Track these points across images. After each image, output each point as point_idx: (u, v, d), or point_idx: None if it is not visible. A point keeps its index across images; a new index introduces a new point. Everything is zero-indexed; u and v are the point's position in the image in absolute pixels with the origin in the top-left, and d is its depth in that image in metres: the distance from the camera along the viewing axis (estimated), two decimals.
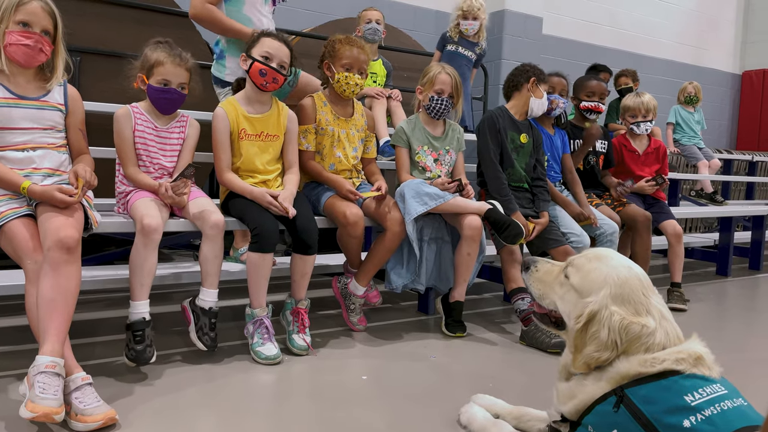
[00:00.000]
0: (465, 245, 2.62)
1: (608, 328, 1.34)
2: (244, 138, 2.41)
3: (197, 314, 2.20)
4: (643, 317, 1.34)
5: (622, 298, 1.36)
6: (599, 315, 1.36)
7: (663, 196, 3.72)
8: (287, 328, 2.42)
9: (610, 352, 1.34)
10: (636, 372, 1.31)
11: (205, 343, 2.17)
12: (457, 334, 2.66)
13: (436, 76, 2.76)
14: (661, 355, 1.31)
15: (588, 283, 1.42)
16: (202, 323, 2.17)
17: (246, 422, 1.75)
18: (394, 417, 1.83)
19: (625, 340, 1.33)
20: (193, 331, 2.19)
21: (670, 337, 1.35)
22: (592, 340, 1.36)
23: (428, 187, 2.60)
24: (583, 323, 1.38)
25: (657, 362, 1.31)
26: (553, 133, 3.30)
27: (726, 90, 8.34)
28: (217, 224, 2.16)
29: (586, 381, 1.39)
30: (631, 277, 1.39)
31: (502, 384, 2.13)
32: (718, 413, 1.22)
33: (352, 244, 2.58)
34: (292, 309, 2.43)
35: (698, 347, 1.34)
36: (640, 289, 1.38)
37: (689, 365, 1.30)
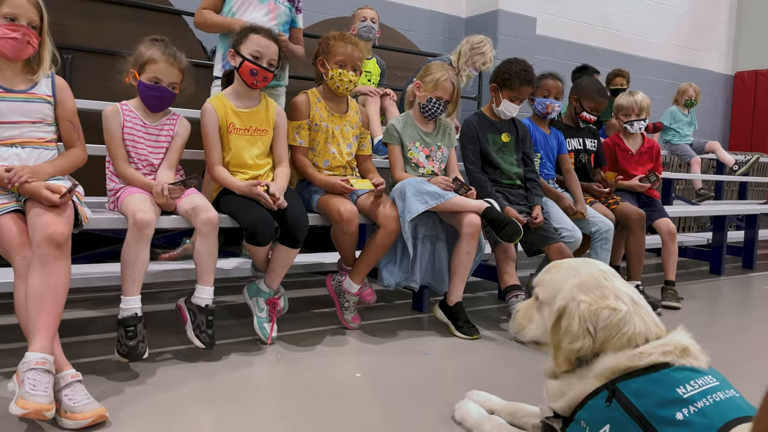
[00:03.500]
0: (465, 244, 2.61)
1: (578, 318, 1.35)
2: (233, 132, 2.41)
3: (193, 312, 2.18)
4: (612, 301, 1.35)
5: (586, 287, 1.38)
6: (568, 308, 1.37)
7: (657, 195, 3.73)
8: (257, 314, 2.43)
9: (583, 340, 1.34)
10: (625, 366, 1.31)
11: (203, 341, 2.15)
12: (473, 336, 2.61)
13: (440, 82, 2.74)
14: (648, 349, 1.31)
15: (552, 289, 1.44)
16: (199, 321, 2.16)
17: (240, 419, 1.73)
18: (389, 413, 1.82)
19: (600, 327, 1.33)
20: (190, 330, 2.17)
21: (649, 325, 1.35)
22: (566, 333, 1.37)
23: (429, 185, 2.59)
24: (554, 320, 1.39)
25: (645, 356, 1.31)
26: (548, 133, 3.31)
27: (719, 91, 8.38)
28: (210, 221, 2.15)
29: (574, 379, 1.38)
30: (590, 268, 1.41)
31: (496, 381, 2.12)
32: (711, 405, 1.22)
33: (346, 242, 2.57)
34: (269, 299, 2.44)
35: (684, 339, 1.34)
36: (600, 276, 1.39)
37: (676, 357, 1.30)
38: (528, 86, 2.96)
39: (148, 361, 2.11)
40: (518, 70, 2.93)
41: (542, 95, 3.20)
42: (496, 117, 3.03)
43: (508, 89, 2.95)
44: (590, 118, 3.42)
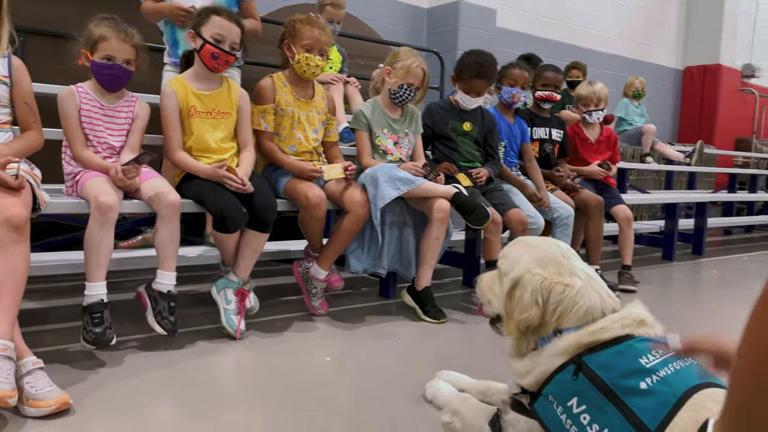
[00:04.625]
0: (434, 228, 2.64)
1: (531, 290, 1.38)
2: (195, 115, 2.36)
3: (155, 299, 2.13)
4: (566, 277, 1.39)
5: (543, 262, 1.42)
6: (522, 279, 1.41)
7: (614, 182, 3.85)
8: (224, 306, 2.32)
9: (531, 311, 1.38)
10: (589, 341, 1.35)
11: (165, 327, 2.10)
12: (440, 320, 2.64)
13: (412, 68, 2.75)
14: (607, 323, 1.36)
15: (511, 262, 1.47)
16: (161, 307, 2.11)
17: (208, 406, 1.71)
18: (360, 396, 1.83)
19: (552, 301, 1.37)
20: (151, 316, 2.12)
21: (603, 298, 1.39)
22: (518, 303, 1.41)
23: (400, 171, 2.60)
24: (508, 289, 1.43)
25: (606, 330, 1.35)
26: (513, 122, 3.37)
27: (669, 85, 8.67)
28: (173, 204, 2.10)
29: (539, 357, 1.42)
30: (548, 245, 1.46)
31: (465, 362, 2.15)
32: (672, 373, 1.27)
33: (314, 227, 2.56)
34: (237, 289, 2.35)
35: (640, 311, 1.39)
36: (558, 253, 1.43)
37: (634, 328, 1.35)
38: (479, 79, 2.95)
39: (110, 349, 2.06)
40: (471, 62, 2.96)
41: (508, 84, 3.25)
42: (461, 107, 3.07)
43: (460, 81, 3.00)
44: (549, 95, 3.48)
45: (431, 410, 1.72)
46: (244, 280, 2.38)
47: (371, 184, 2.57)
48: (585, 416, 1.30)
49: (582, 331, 1.37)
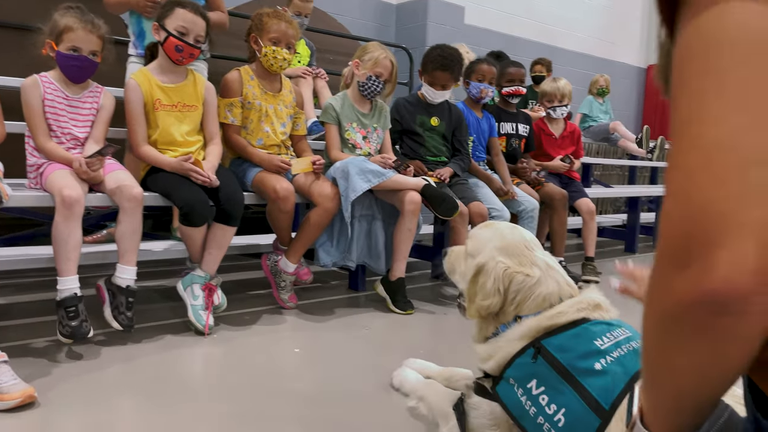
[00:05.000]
0: (406, 220, 2.67)
1: (493, 277, 1.44)
2: (160, 108, 2.35)
3: (113, 293, 2.11)
4: (528, 268, 1.44)
5: (507, 251, 1.47)
6: (486, 266, 1.46)
7: (577, 177, 3.94)
8: (191, 302, 2.28)
9: (493, 298, 1.43)
10: (547, 325, 1.40)
11: (122, 323, 2.07)
12: (407, 311, 2.67)
13: (380, 59, 2.78)
14: (564, 308, 1.42)
15: (478, 245, 1.53)
16: (119, 302, 2.08)
17: (174, 399, 1.72)
18: (329, 385, 1.85)
19: (512, 290, 1.43)
20: (108, 310, 2.09)
21: (561, 285, 1.45)
22: (480, 289, 1.46)
23: (370, 164, 2.62)
24: (472, 275, 1.48)
25: (563, 314, 1.41)
26: (481, 116, 3.42)
27: (632, 83, 8.88)
28: (135, 197, 2.09)
29: (501, 341, 1.47)
30: (514, 235, 1.51)
31: (431, 351, 2.19)
32: (625, 354, 1.33)
33: (282, 220, 2.57)
34: (205, 284, 2.32)
35: (595, 296, 1.45)
36: (522, 243, 1.49)
37: (590, 312, 1.41)
38: (442, 71, 3.00)
39: (76, 343, 2.04)
40: (435, 56, 3.02)
41: (477, 80, 3.30)
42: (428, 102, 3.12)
43: (425, 74, 3.05)
44: (515, 90, 3.55)
45: (398, 397, 1.75)
46: (211, 274, 2.36)
47: (342, 177, 2.59)
48: (543, 397, 1.35)
49: (540, 316, 1.42)
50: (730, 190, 0.46)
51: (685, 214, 0.48)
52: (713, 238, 0.47)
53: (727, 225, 0.46)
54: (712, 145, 0.47)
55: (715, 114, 0.48)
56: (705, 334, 0.50)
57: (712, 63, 0.48)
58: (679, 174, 0.50)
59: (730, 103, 0.47)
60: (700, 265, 0.48)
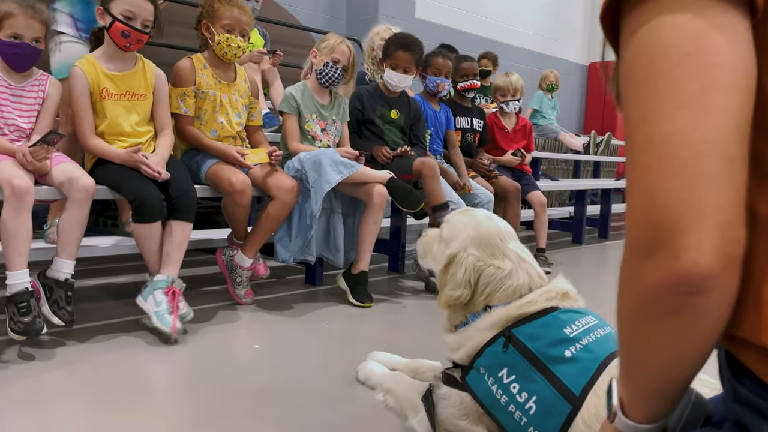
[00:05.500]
0: (372, 214, 2.65)
1: (464, 269, 1.44)
2: (107, 98, 2.24)
3: (49, 287, 2.00)
4: (499, 260, 1.45)
5: (480, 242, 1.47)
6: (458, 257, 1.46)
7: (529, 170, 4.03)
8: (154, 310, 2.06)
9: (463, 290, 1.44)
10: (517, 315, 1.42)
11: (62, 318, 1.96)
12: (366, 304, 2.64)
13: (336, 45, 2.74)
14: (533, 297, 1.43)
15: (453, 231, 1.53)
16: (57, 296, 1.98)
17: (127, 399, 1.63)
18: (293, 380, 1.81)
19: (483, 282, 1.43)
20: (46, 306, 1.98)
21: (532, 277, 1.46)
22: (451, 279, 1.46)
23: (339, 155, 2.58)
24: (444, 264, 1.48)
25: (532, 303, 1.42)
26: (438, 109, 3.43)
27: (575, 79, 9.15)
28: (86, 188, 1.98)
29: (470, 331, 1.47)
30: (489, 225, 1.51)
31: (394, 344, 2.17)
32: (594, 341, 1.36)
33: (239, 214, 2.49)
34: (167, 288, 2.11)
35: (563, 284, 1.48)
36: (497, 235, 1.49)
37: (558, 301, 1.43)
38: (404, 52, 3.00)
39: (18, 344, 1.92)
40: (395, 38, 3.03)
41: (433, 73, 3.30)
42: (390, 92, 3.10)
43: (387, 58, 3.03)
44: (470, 84, 3.58)
45: (364, 390, 1.73)
46: (173, 277, 2.16)
47: (313, 168, 2.53)
48: (515, 386, 1.36)
49: (510, 306, 1.43)
50: (686, 179, 0.51)
51: (647, 206, 0.53)
52: (676, 224, 0.51)
53: (688, 211, 0.51)
54: (665, 141, 0.52)
55: (663, 114, 0.53)
56: (678, 315, 0.54)
57: (655, 68, 0.54)
58: (638, 171, 0.54)
59: (675, 102, 0.52)
60: (667, 252, 0.52)
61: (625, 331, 0.61)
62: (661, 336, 0.56)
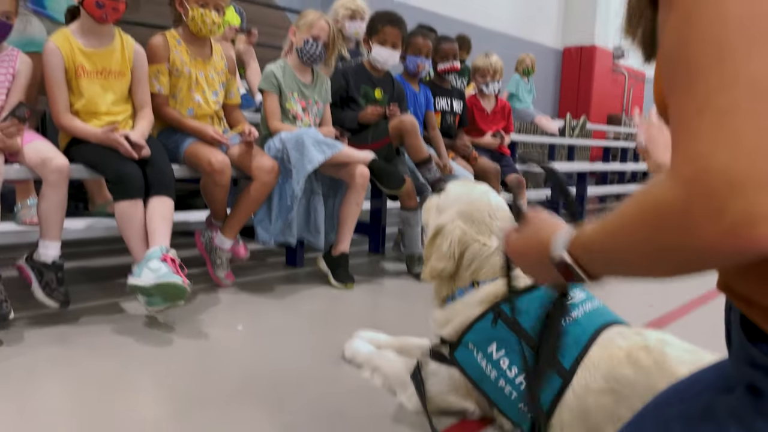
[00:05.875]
0: (354, 195, 2.62)
1: (449, 241, 1.44)
2: (83, 76, 2.15)
3: (39, 271, 1.95)
4: (485, 237, 1.45)
5: (469, 217, 1.46)
6: (445, 229, 1.46)
7: (507, 152, 4.04)
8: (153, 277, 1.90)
9: (447, 262, 1.44)
10: (505, 290, 1.41)
11: (57, 299, 1.94)
12: (347, 285, 2.62)
13: (315, 21, 2.69)
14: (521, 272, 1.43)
15: (447, 201, 1.52)
16: (48, 279, 1.94)
17: (113, 382, 1.59)
18: (278, 360, 1.79)
19: (469, 257, 1.43)
20: (39, 290, 1.94)
21: None
22: (436, 250, 1.46)
23: (321, 135, 2.54)
24: (431, 235, 1.48)
25: (521, 278, 1.42)
26: (418, 90, 3.40)
27: (550, 64, 9.19)
28: (59, 169, 1.91)
29: (458, 306, 1.47)
30: (480, 200, 1.50)
31: (379, 323, 2.15)
32: (583, 315, 1.37)
33: (218, 194, 2.44)
34: (163, 255, 1.99)
35: None
36: (487, 211, 1.48)
37: None
38: (392, 27, 2.98)
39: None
40: (381, 14, 3.01)
41: (413, 53, 3.27)
42: (375, 71, 3.05)
43: (374, 34, 2.99)
44: (451, 66, 3.55)
45: (351, 369, 1.72)
46: (166, 246, 2.02)
47: (295, 148, 2.49)
48: (504, 360, 1.37)
49: (499, 282, 1.43)
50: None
51: (725, 156, 0.46)
52: (762, 182, 0.45)
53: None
54: (754, 81, 0.46)
55: (747, 52, 0.47)
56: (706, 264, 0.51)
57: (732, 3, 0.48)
58: (710, 116, 0.48)
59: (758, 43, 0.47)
60: (742, 216, 0.46)
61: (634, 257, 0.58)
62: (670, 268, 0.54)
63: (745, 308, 0.59)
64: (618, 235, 0.60)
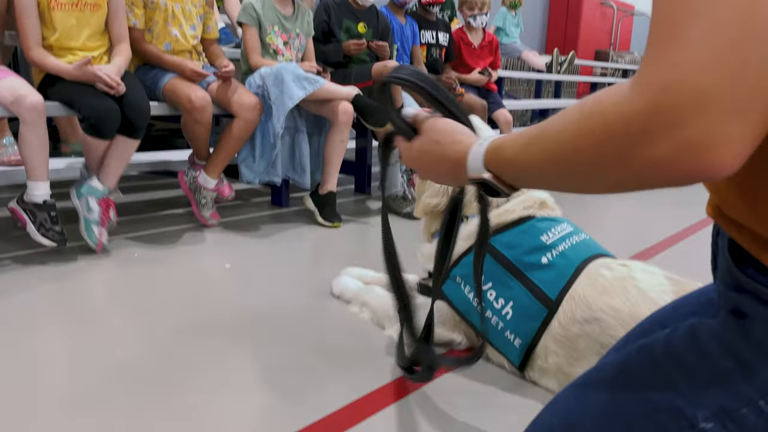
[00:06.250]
0: (338, 132, 2.57)
1: None
2: (56, 8, 2.05)
3: (31, 212, 1.94)
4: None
5: None
6: None
7: (495, 88, 3.97)
8: (85, 214, 2.09)
9: (440, 198, 1.44)
10: (495, 224, 1.42)
11: (53, 239, 1.94)
12: (334, 223, 2.62)
13: None
14: (511, 206, 1.43)
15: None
16: (41, 219, 1.93)
17: (108, 321, 1.60)
18: (267, 297, 1.80)
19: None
20: (34, 230, 1.94)
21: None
22: (428, 187, 1.46)
23: (302, 70, 2.46)
24: None
25: (510, 212, 1.43)
26: (404, 22, 3.30)
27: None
28: (35, 107, 1.85)
29: None
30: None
31: (366, 261, 2.17)
32: (569, 248, 1.38)
33: (199, 132, 2.38)
34: (102, 198, 2.13)
35: (541, 193, 1.49)
36: None
37: (536, 209, 1.44)
38: None
39: None
40: None
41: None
42: (358, 4, 2.94)
43: None
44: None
45: (339, 304, 1.74)
46: (110, 188, 2.16)
47: (275, 84, 2.42)
48: (491, 293, 1.38)
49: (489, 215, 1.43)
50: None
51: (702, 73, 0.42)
52: (731, 107, 0.43)
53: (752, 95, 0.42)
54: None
55: None
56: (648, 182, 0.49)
57: None
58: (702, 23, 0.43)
59: None
60: (712, 134, 0.43)
61: (570, 157, 0.53)
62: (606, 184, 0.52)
63: (735, 233, 0.59)
64: (552, 148, 0.55)
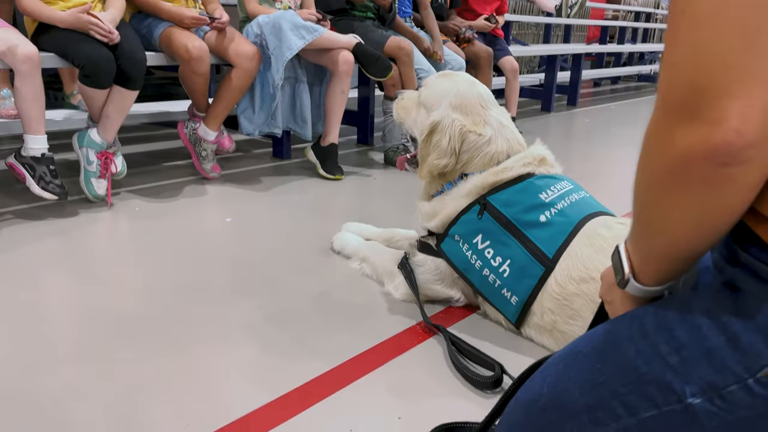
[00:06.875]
0: (339, 82, 2.52)
1: (449, 136, 1.40)
2: None
3: (30, 166, 1.93)
4: (480, 127, 1.42)
5: (464, 109, 1.42)
6: (441, 124, 1.41)
7: (501, 34, 3.86)
8: (85, 166, 2.11)
9: (449, 158, 1.41)
10: (492, 182, 1.40)
11: (54, 192, 1.94)
12: (336, 176, 2.60)
13: None
14: (510, 163, 1.41)
15: (434, 97, 1.47)
16: (40, 173, 1.92)
17: (108, 275, 1.62)
18: (269, 251, 1.81)
19: (464, 149, 1.41)
20: (34, 185, 1.94)
21: (511, 143, 1.44)
22: (434, 148, 1.43)
23: (301, 19, 2.39)
24: (427, 133, 1.44)
25: (508, 170, 1.41)
26: None
27: None
28: (29, 57, 1.81)
29: (446, 199, 1.46)
30: (471, 91, 1.45)
31: (367, 214, 2.18)
32: (568, 205, 1.37)
33: (198, 84, 2.34)
34: (101, 152, 2.12)
35: (541, 150, 1.46)
36: (478, 102, 1.44)
37: (535, 167, 1.42)
38: None
39: None
40: None
41: None
42: None
43: None
44: None
45: (339, 260, 1.75)
46: (108, 141, 2.15)
47: (272, 33, 2.35)
48: (489, 250, 1.38)
49: (486, 173, 1.41)
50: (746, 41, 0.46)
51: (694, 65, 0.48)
52: (725, 88, 0.47)
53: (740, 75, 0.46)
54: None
55: None
56: (709, 186, 0.51)
57: None
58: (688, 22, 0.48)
59: None
60: (708, 117, 0.48)
61: (646, 198, 0.58)
62: (687, 206, 0.53)
63: None
64: (637, 210, 0.61)
